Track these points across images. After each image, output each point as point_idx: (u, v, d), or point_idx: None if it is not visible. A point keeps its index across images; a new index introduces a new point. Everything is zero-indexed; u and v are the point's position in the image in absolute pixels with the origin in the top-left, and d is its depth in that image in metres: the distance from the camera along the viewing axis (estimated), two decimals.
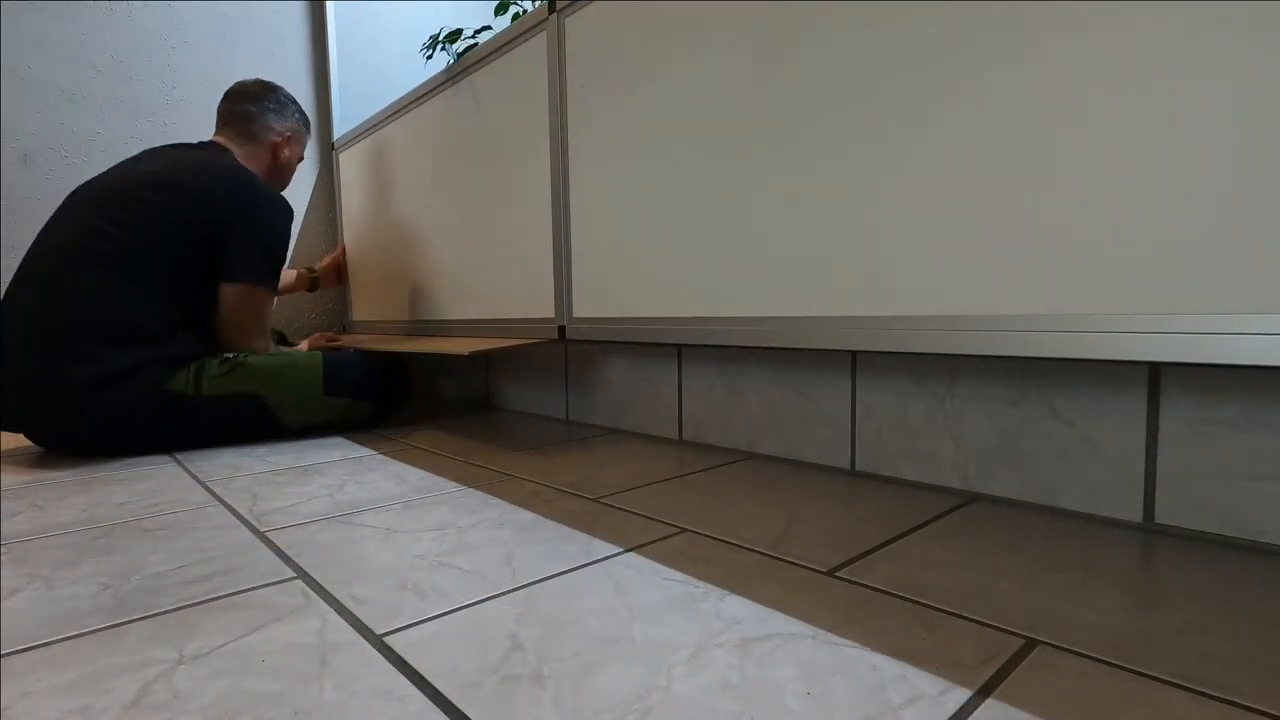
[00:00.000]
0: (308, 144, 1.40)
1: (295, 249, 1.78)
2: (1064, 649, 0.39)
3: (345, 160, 1.77)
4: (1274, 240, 0.47)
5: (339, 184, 1.81)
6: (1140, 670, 0.36)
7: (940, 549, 0.55)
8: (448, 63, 1.32)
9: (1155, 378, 0.58)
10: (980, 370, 0.69)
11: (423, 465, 0.89)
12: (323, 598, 0.47)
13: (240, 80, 1.30)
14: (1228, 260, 0.49)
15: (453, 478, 0.82)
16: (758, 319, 0.81)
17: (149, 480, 0.84)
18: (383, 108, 1.57)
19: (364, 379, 1.19)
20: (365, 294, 1.75)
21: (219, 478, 0.85)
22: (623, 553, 0.55)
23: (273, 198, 1.18)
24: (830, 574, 0.50)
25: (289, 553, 0.57)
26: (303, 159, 1.38)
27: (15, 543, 0.61)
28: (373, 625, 0.43)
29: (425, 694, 0.35)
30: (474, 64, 1.25)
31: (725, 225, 0.84)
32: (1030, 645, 0.39)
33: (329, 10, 1.76)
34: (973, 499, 0.68)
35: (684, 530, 0.60)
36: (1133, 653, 0.38)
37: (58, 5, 1.43)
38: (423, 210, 1.47)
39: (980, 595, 0.46)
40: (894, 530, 0.59)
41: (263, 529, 0.63)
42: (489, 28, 1.29)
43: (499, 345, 1.09)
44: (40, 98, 1.41)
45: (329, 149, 1.82)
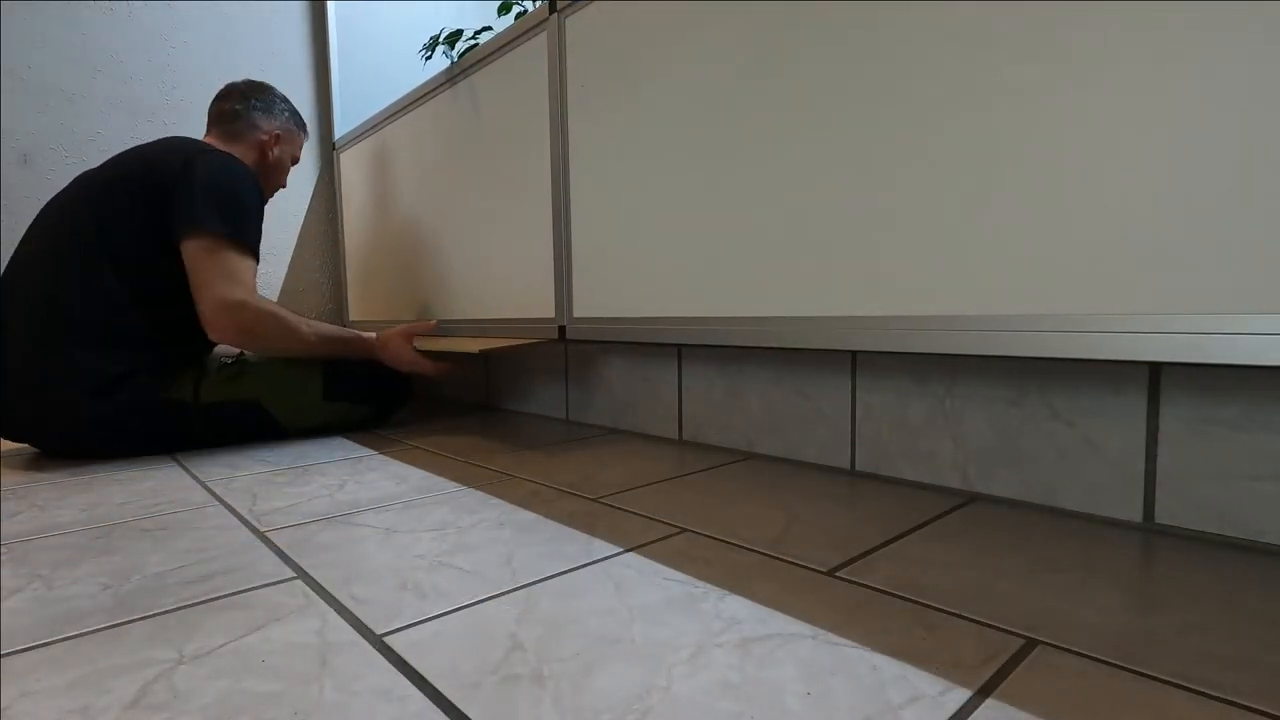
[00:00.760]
0: (304, 144, 1.35)
1: (296, 249, 1.78)
2: (1064, 649, 0.39)
3: (346, 160, 1.77)
4: (1274, 240, 0.47)
5: (340, 184, 1.81)
6: (1140, 670, 0.36)
7: (940, 549, 0.55)
8: (449, 63, 1.32)
9: (1155, 378, 0.58)
10: (980, 370, 0.69)
11: (423, 465, 0.89)
12: (323, 598, 0.47)
13: (231, 81, 1.27)
14: (1228, 260, 0.49)
15: (453, 478, 0.82)
16: (758, 319, 0.81)
17: (149, 480, 0.84)
18: (383, 108, 1.57)
19: (364, 383, 1.19)
20: (365, 294, 1.75)
21: (219, 478, 0.85)
22: (623, 553, 0.55)
23: (223, 155, 1.10)
24: (830, 574, 0.50)
25: (289, 553, 0.57)
26: (298, 160, 1.34)
27: (15, 543, 0.61)
28: (373, 625, 0.43)
29: (425, 694, 0.35)
30: (474, 64, 1.25)
31: (725, 225, 0.84)
32: (1030, 645, 0.39)
33: (330, 10, 1.76)
34: (973, 499, 0.68)
35: (684, 530, 0.60)
36: (1133, 653, 0.38)
37: (58, 5, 1.43)
38: (423, 210, 1.47)
39: (980, 595, 0.46)
40: (894, 530, 0.59)
41: (263, 529, 0.63)
42: (489, 28, 1.29)
43: (507, 344, 1.10)
44: (40, 98, 1.42)
45: (330, 149, 1.81)
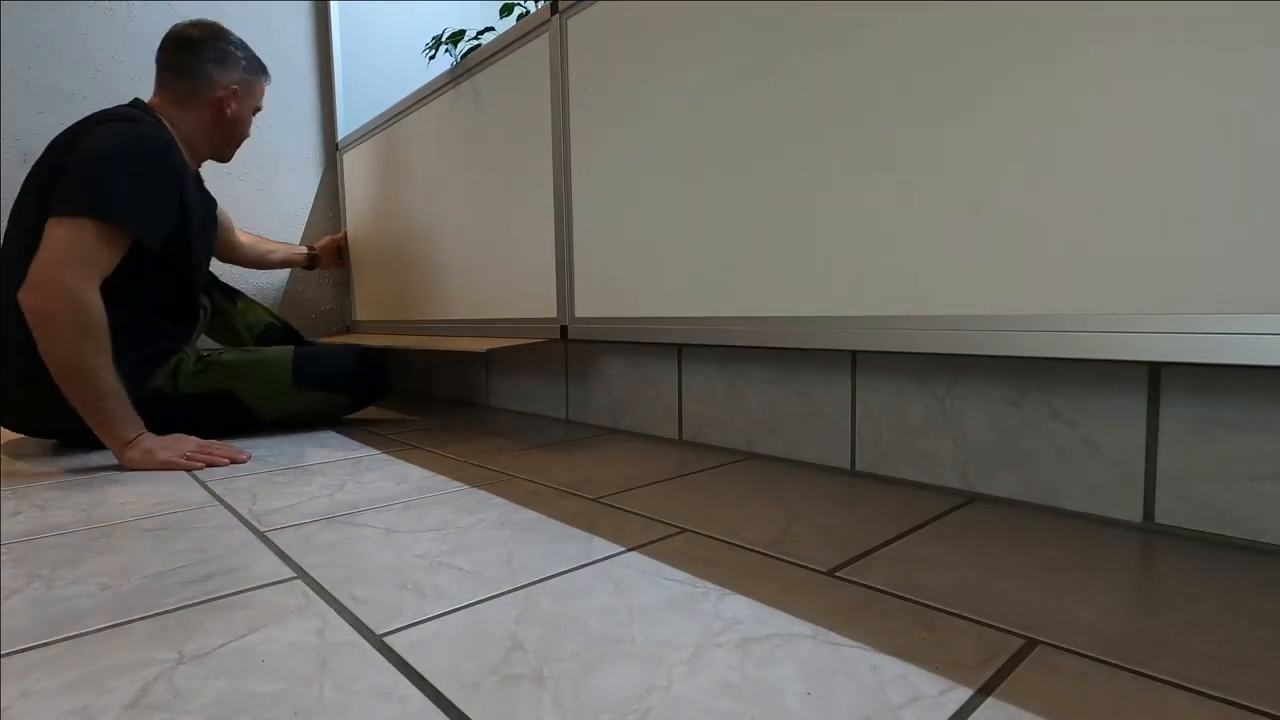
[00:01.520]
0: (265, 90, 1.20)
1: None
2: (1064, 649, 0.39)
3: (349, 161, 1.77)
4: (1274, 240, 0.47)
5: (343, 185, 1.81)
6: (1140, 670, 0.36)
7: (940, 549, 0.55)
8: (452, 64, 1.32)
9: (1155, 378, 0.58)
10: (980, 370, 0.69)
11: (423, 465, 0.89)
12: (323, 598, 0.47)
13: (178, 24, 1.11)
14: (1228, 260, 0.49)
15: (453, 477, 0.82)
16: (758, 319, 0.81)
17: (149, 480, 0.84)
18: (387, 108, 1.57)
19: (336, 372, 1.22)
20: (369, 294, 1.76)
21: (219, 477, 0.85)
22: (623, 552, 0.55)
23: (113, 126, 0.99)
24: (830, 574, 0.50)
25: (289, 553, 0.57)
26: (260, 109, 1.20)
27: (15, 543, 0.61)
28: (373, 625, 0.43)
29: (425, 694, 0.35)
30: (477, 65, 1.25)
31: (726, 225, 0.84)
32: (1030, 645, 0.39)
33: (333, 10, 1.76)
34: (973, 499, 0.68)
35: (684, 530, 0.60)
36: (1133, 653, 0.38)
37: (58, 5, 1.43)
38: (426, 211, 1.47)
39: (980, 595, 0.46)
40: (894, 530, 0.59)
41: (263, 529, 0.63)
42: (492, 29, 1.29)
43: (513, 343, 1.12)
44: (40, 98, 1.42)
45: (333, 150, 1.81)
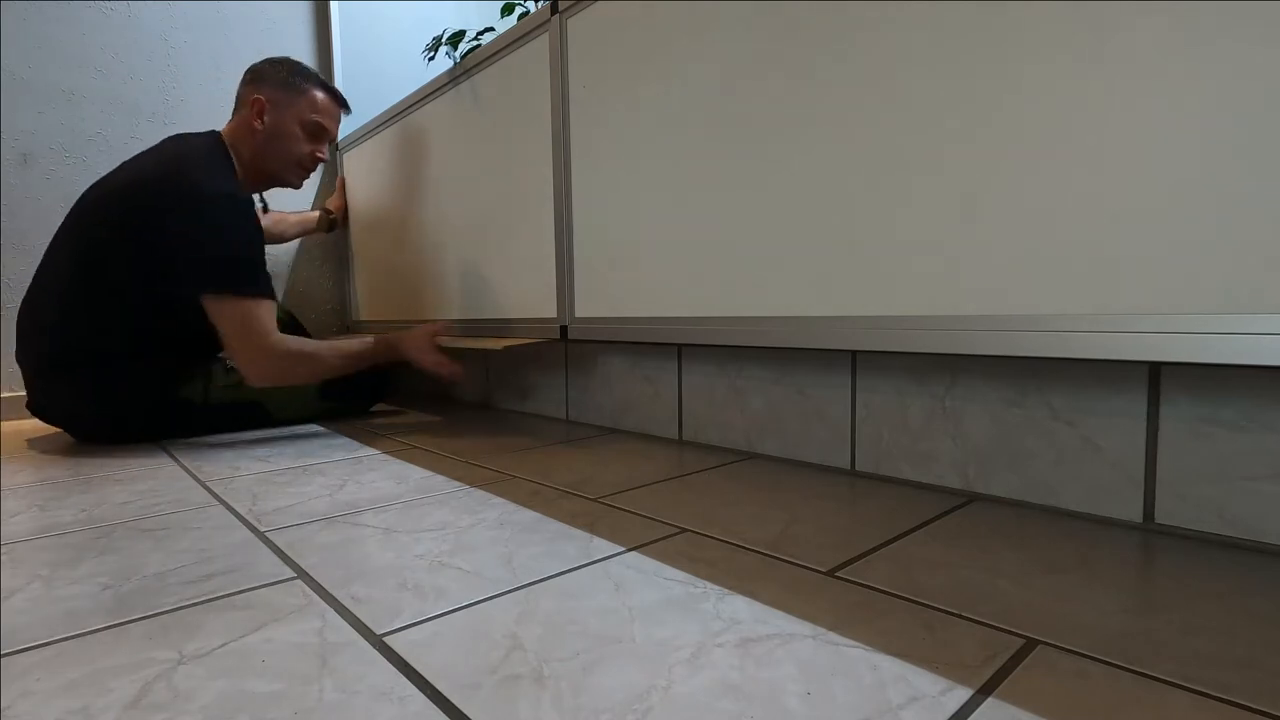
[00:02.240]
0: (321, 106, 1.21)
1: (300, 249, 1.78)
2: (1064, 649, 0.39)
3: (350, 161, 1.77)
4: (1274, 239, 0.47)
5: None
6: (1140, 670, 0.36)
7: (940, 549, 0.55)
8: (452, 64, 1.32)
9: (1155, 378, 0.58)
10: (980, 370, 0.69)
11: (423, 465, 0.89)
12: (323, 598, 0.47)
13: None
14: (1228, 260, 0.49)
15: (453, 477, 0.82)
16: (758, 319, 0.81)
17: (149, 480, 0.84)
18: (387, 108, 1.57)
19: (358, 382, 1.28)
20: (369, 294, 1.75)
21: (219, 478, 0.85)
22: (623, 552, 0.55)
23: (213, 198, 1.05)
24: (830, 574, 0.50)
25: (289, 553, 0.57)
26: (315, 123, 1.20)
27: (15, 543, 0.61)
28: (373, 625, 0.43)
29: (425, 694, 0.35)
30: (477, 65, 1.25)
31: (726, 225, 0.84)
32: (1030, 645, 0.39)
33: (333, 10, 1.76)
34: (973, 499, 0.68)
35: (684, 530, 0.60)
36: (1132, 653, 0.38)
37: (58, 5, 1.43)
38: (426, 210, 1.47)
39: (980, 595, 0.46)
40: (894, 530, 0.59)
41: (263, 529, 0.63)
42: (492, 29, 1.29)
43: (520, 342, 1.15)
44: (40, 98, 1.41)
45: (333, 149, 1.81)
